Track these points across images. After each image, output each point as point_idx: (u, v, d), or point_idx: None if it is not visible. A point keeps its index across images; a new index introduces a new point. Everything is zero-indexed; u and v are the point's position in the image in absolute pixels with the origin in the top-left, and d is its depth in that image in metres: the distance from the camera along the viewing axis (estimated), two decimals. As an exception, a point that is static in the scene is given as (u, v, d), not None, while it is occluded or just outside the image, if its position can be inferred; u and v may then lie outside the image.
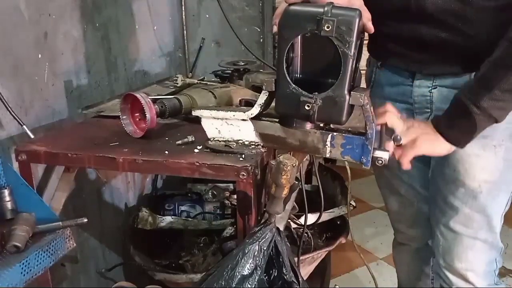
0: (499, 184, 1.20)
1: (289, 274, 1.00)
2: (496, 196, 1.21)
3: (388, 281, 2.17)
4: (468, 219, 1.22)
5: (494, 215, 1.22)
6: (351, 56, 0.91)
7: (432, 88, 1.18)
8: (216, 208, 1.79)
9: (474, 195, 1.20)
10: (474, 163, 1.17)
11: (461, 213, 1.22)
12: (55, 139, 1.25)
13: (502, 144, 1.15)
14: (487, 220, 1.22)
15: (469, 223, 1.23)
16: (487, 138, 1.14)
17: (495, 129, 1.12)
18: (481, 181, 1.18)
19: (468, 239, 1.24)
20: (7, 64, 1.26)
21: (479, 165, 1.17)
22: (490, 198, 1.20)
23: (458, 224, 1.24)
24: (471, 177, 1.18)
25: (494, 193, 1.20)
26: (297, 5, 0.94)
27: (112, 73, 1.75)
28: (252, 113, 1.08)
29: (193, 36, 2.34)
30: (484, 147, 1.16)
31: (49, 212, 1.09)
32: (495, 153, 1.16)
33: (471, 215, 1.22)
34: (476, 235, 1.23)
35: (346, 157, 1.03)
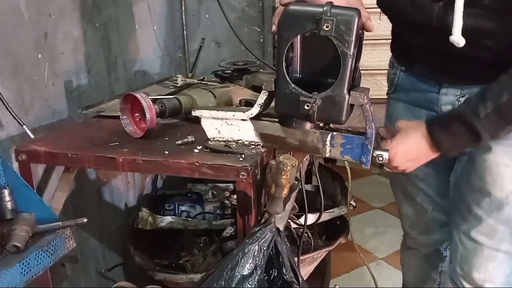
0: None
1: (289, 274, 1.00)
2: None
3: (388, 281, 2.17)
4: (491, 230, 1.19)
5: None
6: (350, 56, 0.91)
7: (460, 97, 1.15)
8: (216, 208, 1.79)
9: (500, 206, 1.16)
10: (502, 173, 1.14)
11: (484, 224, 1.19)
12: (55, 139, 1.25)
13: None
14: (511, 231, 1.18)
15: (492, 234, 1.19)
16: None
17: None
18: (509, 192, 1.14)
19: (490, 250, 1.21)
20: (7, 64, 1.26)
21: (507, 176, 1.14)
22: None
23: (480, 235, 1.20)
24: (499, 187, 1.15)
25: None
26: (297, 5, 0.94)
27: (112, 73, 1.75)
28: (252, 113, 1.08)
29: (193, 36, 2.34)
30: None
31: (49, 212, 1.09)
32: None
33: (495, 226, 1.18)
34: (499, 246, 1.20)
35: (346, 157, 1.03)
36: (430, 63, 1.17)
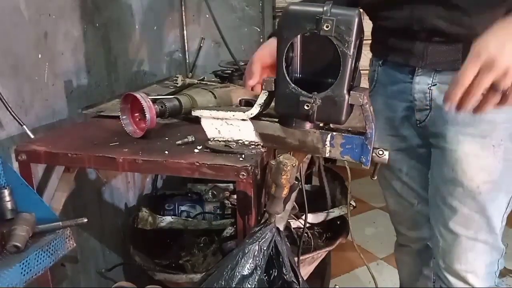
0: (498, 185, 1.18)
1: (289, 274, 1.00)
2: (496, 197, 1.19)
3: (388, 281, 2.17)
4: (468, 220, 1.21)
5: (494, 216, 1.20)
6: (350, 56, 0.91)
7: (431, 85, 1.17)
8: (216, 208, 1.79)
9: (472, 195, 1.18)
10: (472, 163, 1.16)
11: (460, 214, 1.21)
12: (55, 139, 1.25)
13: (501, 144, 1.13)
14: (487, 221, 1.20)
15: (469, 224, 1.21)
16: (485, 138, 1.13)
17: (494, 128, 1.11)
18: (480, 182, 1.16)
19: (468, 241, 1.22)
20: (7, 64, 1.26)
21: (477, 166, 1.16)
22: (489, 199, 1.18)
23: (458, 225, 1.22)
24: (469, 177, 1.17)
25: (493, 194, 1.18)
26: (297, 5, 0.94)
27: (112, 73, 1.75)
28: (252, 113, 1.08)
29: (193, 36, 2.34)
30: (482, 147, 1.14)
31: (49, 212, 1.09)
32: (494, 153, 1.14)
33: (470, 216, 1.20)
34: (476, 236, 1.22)
35: (345, 157, 1.03)
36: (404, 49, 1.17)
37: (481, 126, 1.13)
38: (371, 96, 1.33)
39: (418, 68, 1.18)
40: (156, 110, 1.21)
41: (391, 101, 1.27)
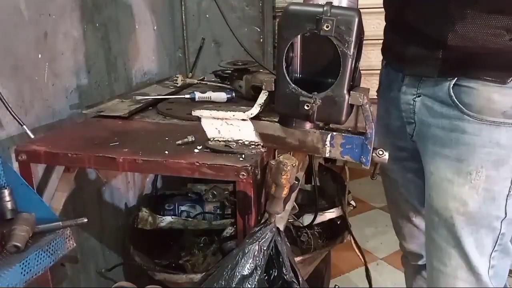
0: (477, 219, 1.04)
1: (289, 274, 1.00)
2: (474, 231, 1.05)
3: (388, 281, 2.17)
4: (445, 255, 1.08)
5: (472, 253, 1.06)
6: (350, 56, 0.91)
7: (416, 97, 1.11)
8: (216, 208, 1.79)
9: (447, 226, 1.06)
10: (445, 189, 1.05)
11: (438, 247, 1.10)
12: (55, 139, 1.25)
13: (480, 171, 1.01)
14: (465, 258, 1.07)
15: (446, 259, 1.09)
16: (462, 163, 1.02)
17: (473, 152, 1.01)
18: (453, 210, 1.05)
19: (448, 278, 1.10)
20: (7, 64, 1.26)
21: (451, 193, 1.04)
22: (465, 233, 1.05)
23: (436, 260, 1.11)
24: (443, 206, 1.06)
25: (470, 228, 1.05)
26: (297, 5, 0.94)
27: (112, 73, 1.75)
28: (252, 113, 1.08)
29: (193, 36, 2.34)
30: (458, 173, 1.03)
31: (49, 212, 1.09)
32: (470, 180, 1.02)
33: (446, 250, 1.08)
34: (456, 274, 1.08)
35: (345, 157, 1.03)
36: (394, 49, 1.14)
37: (458, 149, 1.03)
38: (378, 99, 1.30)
39: (405, 76, 1.13)
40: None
41: (389, 108, 1.22)
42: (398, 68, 1.15)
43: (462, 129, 1.02)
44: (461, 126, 1.02)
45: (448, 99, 1.03)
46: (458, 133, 1.03)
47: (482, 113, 1.00)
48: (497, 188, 1.03)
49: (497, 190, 1.03)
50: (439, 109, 1.06)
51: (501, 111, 0.99)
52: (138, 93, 1.62)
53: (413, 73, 1.10)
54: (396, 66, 1.16)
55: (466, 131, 1.02)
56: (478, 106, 1.00)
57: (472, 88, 1.00)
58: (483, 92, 0.99)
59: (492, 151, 1.00)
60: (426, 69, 1.05)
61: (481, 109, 1.00)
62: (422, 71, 1.07)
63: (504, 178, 1.02)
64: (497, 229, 1.06)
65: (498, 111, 0.99)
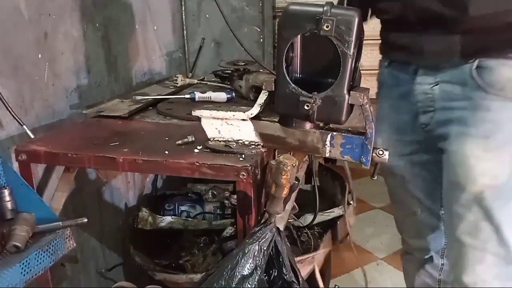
0: (506, 191, 1.07)
1: (289, 274, 1.00)
2: (505, 203, 1.08)
3: (388, 281, 2.17)
4: (474, 228, 1.10)
5: (503, 226, 1.08)
6: (350, 56, 0.91)
7: (434, 85, 1.12)
8: (216, 208, 1.79)
9: (477, 201, 1.08)
10: (473, 166, 1.07)
11: (466, 221, 1.11)
12: (55, 139, 1.25)
13: (506, 146, 1.05)
14: (496, 230, 1.09)
15: (476, 232, 1.10)
16: (488, 139, 1.05)
17: (498, 128, 1.05)
18: (483, 186, 1.07)
19: (475, 251, 1.12)
20: (7, 64, 1.26)
21: (479, 169, 1.07)
22: (496, 205, 1.07)
23: (464, 234, 1.12)
24: (472, 181, 1.08)
25: (501, 201, 1.07)
26: (297, 5, 0.95)
27: (112, 73, 1.75)
28: (252, 113, 1.08)
29: (193, 36, 2.34)
30: (485, 149, 1.06)
31: (49, 212, 1.09)
32: (498, 155, 1.05)
33: (476, 224, 1.09)
34: (485, 247, 1.10)
35: (345, 157, 1.03)
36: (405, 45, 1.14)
37: (484, 126, 1.06)
38: (379, 99, 1.30)
39: (419, 68, 1.14)
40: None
41: (396, 104, 1.23)
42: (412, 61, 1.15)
43: (486, 107, 1.05)
44: (486, 105, 1.05)
45: (471, 81, 1.06)
46: (483, 112, 1.05)
47: (505, 90, 1.03)
48: None
49: None
50: (460, 91, 1.08)
51: None
52: (138, 93, 1.62)
53: (432, 62, 1.11)
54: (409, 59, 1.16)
55: (490, 109, 1.05)
56: (501, 84, 1.03)
57: (492, 68, 1.03)
58: (504, 72, 1.02)
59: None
60: (446, 55, 1.07)
61: (503, 87, 1.03)
62: (442, 58, 1.08)
63: None
64: None
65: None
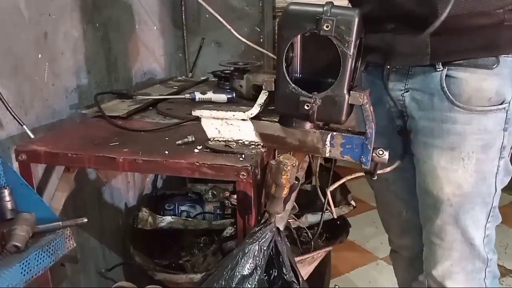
0: (471, 198, 1.14)
1: (289, 274, 1.00)
2: (470, 209, 1.15)
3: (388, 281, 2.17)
4: (441, 231, 1.18)
5: (468, 227, 1.16)
6: (350, 56, 0.91)
7: (404, 92, 1.15)
8: (216, 208, 1.79)
9: (443, 207, 1.15)
10: (440, 176, 1.12)
11: (434, 224, 1.18)
12: (55, 139, 1.25)
13: (472, 156, 1.09)
14: (461, 232, 1.16)
15: (442, 235, 1.18)
16: (454, 151, 1.10)
17: (464, 140, 1.08)
18: (449, 194, 1.13)
19: (443, 251, 1.20)
20: (7, 64, 1.26)
21: (446, 179, 1.12)
22: (462, 211, 1.14)
23: (433, 236, 1.20)
24: (439, 189, 1.14)
25: (466, 207, 1.14)
26: (297, 5, 0.95)
27: (112, 73, 1.75)
28: (252, 113, 1.08)
29: (193, 36, 2.34)
30: (451, 160, 1.10)
31: (49, 212, 1.09)
32: (463, 166, 1.10)
33: (443, 227, 1.17)
34: (451, 246, 1.18)
35: (345, 157, 1.03)
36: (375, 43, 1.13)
37: (449, 138, 1.10)
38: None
39: (391, 72, 1.16)
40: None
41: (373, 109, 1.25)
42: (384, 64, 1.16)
43: (453, 120, 1.09)
44: (452, 117, 1.08)
45: (439, 91, 1.09)
46: (449, 124, 1.09)
47: (471, 102, 1.07)
48: (487, 169, 1.12)
49: (487, 170, 1.12)
50: (429, 101, 1.11)
51: (487, 98, 1.06)
52: (139, 93, 1.62)
53: (402, 64, 1.13)
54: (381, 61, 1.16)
55: (457, 122, 1.08)
56: (467, 96, 1.06)
57: (461, 79, 1.06)
58: (471, 81, 1.06)
59: (481, 137, 1.08)
60: (416, 57, 1.09)
61: (470, 98, 1.07)
62: (412, 60, 1.10)
63: (492, 159, 1.11)
64: (490, 203, 1.16)
65: (485, 99, 1.06)
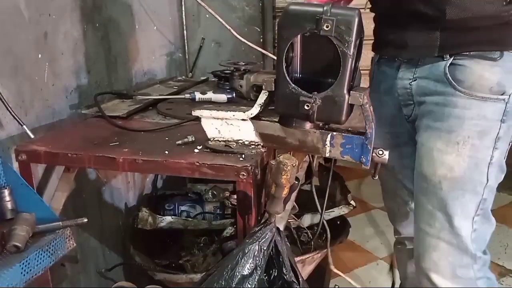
0: (462, 183, 1.15)
1: (289, 274, 1.00)
2: (460, 196, 1.15)
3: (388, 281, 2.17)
4: (431, 217, 1.19)
5: (456, 216, 1.16)
6: (350, 56, 0.91)
7: (412, 81, 1.19)
8: (216, 208, 1.79)
9: (434, 191, 1.17)
10: (435, 158, 1.15)
11: (425, 210, 1.20)
12: (55, 139, 1.26)
13: (467, 141, 1.12)
14: (449, 220, 1.17)
15: (432, 221, 1.19)
16: (451, 134, 1.13)
17: (462, 124, 1.11)
18: (441, 176, 1.15)
19: (431, 238, 1.20)
20: (7, 64, 1.26)
21: (440, 160, 1.15)
22: (452, 196, 1.15)
23: (423, 222, 1.22)
24: (432, 172, 1.16)
25: (456, 192, 1.15)
26: (297, 5, 0.95)
27: (112, 73, 1.75)
28: (252, 113, 1.08)
29: (193, 36, 2.34)
30: (447, 143, 1.14)
31: (49, 212, 1.09)
32: (458, 149, 1.13)
33: (432, 213, 1.18)
34: (439, 235, 1.19)
35: (345, 157, 1.03)
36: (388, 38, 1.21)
37: (449, 121, 1.13)
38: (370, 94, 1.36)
39: (402, 63, 1.21)
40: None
41: (383, 98, 1.29)
42: (396, 56, 1.22)
43: (454, 104, 1.12)
44: (453, 101, 1.12)
45: (443, 77, 1.13)
46: (450, 108, 1.13)
47: (473, 89, 1.10)
48: (480, 156, 1.14)
49: (480, 157, 1.14)
50: (433, 87, 1.15)
51: (489, 87, 1.10)
52: (139, 93, 1.62)
53: (413, 56, 1.18)
54: (394, 54, 1.22)
55: (457, 106, 1.12)
56: (470, 83, 1.10)
57: (465, 66, 1.11)
58: (475, 69, 1.10)
59: (478, 123, 1.11)
60: (426, 49, 1.14)
61: (472, 85, 1.10)
62: (422, 52, 1.15)
63: (487, 147, 1.13)
64: (480, 194, 1.16)
65: (486, 87, 1.10)
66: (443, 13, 1.07)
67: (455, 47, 1.11)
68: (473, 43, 1.10)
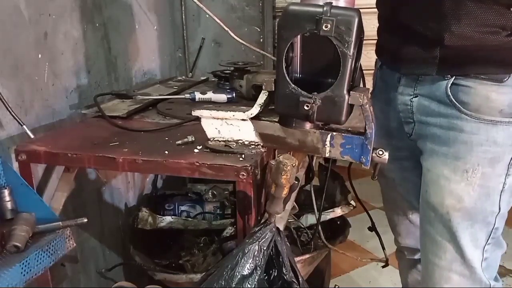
0: (472, 214, 1.07)
1: (289, 274, 1.00)
2: (470, 226, 1.08)
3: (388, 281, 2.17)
4: (440, 248, 1.12)
5: (467, 247, 1.09)
6: (350, 56, 0.91)
7: (413, 97, 1.12)
8: (216, 208, 1.79)
9: (443, 222, 1.09)
10: (442, 186, 1.07)
11: (433, 241, 1.13)
12: (55, 139, 1.25)
13: (477, 169, 1.04)
14: (460, 252, 1.10)
15: (441, 253, 1.11)
16: (459, 161, 1.05)
17: (470, 151, 1.04)
18: (449, 207, 1.07)
19: (442, 271, 1.13)
20: (7, 64, 1.26)
21: (447, 190, 1.07)
22: (461, 228, 1.08)
23: (431, 254, 1.14)
24: (439, 201, 1.09)
25: (466, 223, 1.08)
26: (297, 5, 0.94)
27: (112, 73, 1.75)
28: (251, 113, 1.08)
29: (193, 36, 2.34)
30: (455, 170, 1.05)
31: (49, 212, 1.09)
32: (467, 178, 1.05)
33: (442, 244, 1.11)
34: (451, 267, 1.12)
35: (345, 157, 1.03)
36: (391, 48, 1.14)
37: (455, 147, 1.05)
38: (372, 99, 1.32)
39: (402, 76, 1.14)
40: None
41: (385, 109, 1.23)
42: (394, 68, 1.16)
43: (460, 128, 1.04)
44: (459, 125, 1.04)
45: (446, 98, 1.05)
46: (456, 132, 1.05)
47: (480, 112, 1.02)
48: (492, 185, 1.06)
49: (492, 186, 1.06)
50: (436, 108, 1.08)
51: (498, 110, 1.01)
52: (139, 93, 1.62)
53: (411, 72, 1.11)
54: (392, 66, 1.17)
55: (464, 130, 1.04)
56: (476, 105, 1.02)
57: (469, 87, 1.02)
58: (480, 90, 1.01)
59: (489, 149, 1.02)
60: (424, 68, 1.07)
61: (479, 107, 1.02)
62: (420, 70, 1.08)
63: (498, 174, 1.05)
64: (491, 223, 1.09)
65: (496, 110, 1.01)
66: (441, 37, 1.00)
67: (455, 67, 1.03)
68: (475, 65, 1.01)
